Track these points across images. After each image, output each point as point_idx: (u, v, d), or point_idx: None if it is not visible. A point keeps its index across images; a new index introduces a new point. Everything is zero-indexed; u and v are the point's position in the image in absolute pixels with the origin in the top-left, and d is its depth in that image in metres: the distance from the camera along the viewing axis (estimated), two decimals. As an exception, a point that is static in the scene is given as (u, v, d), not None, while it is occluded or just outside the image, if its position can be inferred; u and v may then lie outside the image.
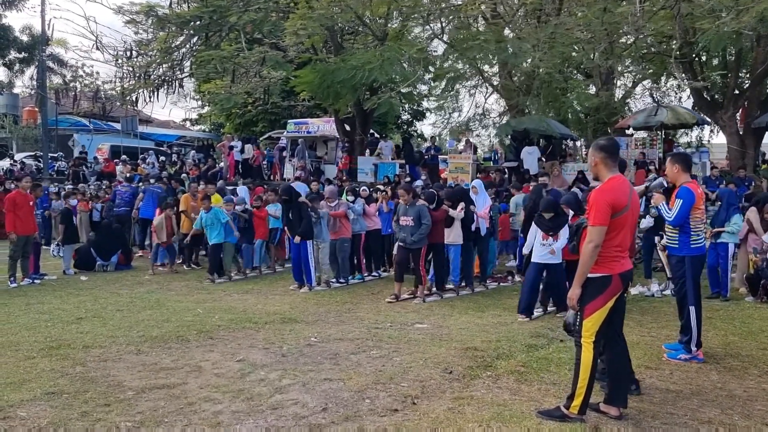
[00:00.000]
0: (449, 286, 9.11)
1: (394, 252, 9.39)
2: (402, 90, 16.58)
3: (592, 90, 19.23)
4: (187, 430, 4.00)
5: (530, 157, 15.61)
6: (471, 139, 19.71)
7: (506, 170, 17.06)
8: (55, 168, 26.22)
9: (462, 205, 8.82)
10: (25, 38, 29.80)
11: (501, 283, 9.87)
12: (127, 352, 5.87)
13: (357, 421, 4.15)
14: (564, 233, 7.23)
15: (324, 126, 22.33)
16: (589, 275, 4.00)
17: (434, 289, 8.93)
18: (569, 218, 7.28)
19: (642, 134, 19.60)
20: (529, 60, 13.94)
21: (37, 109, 28.92)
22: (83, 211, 13.96)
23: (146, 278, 10.56)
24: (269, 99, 18.47)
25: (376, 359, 5.62)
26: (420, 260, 8.52)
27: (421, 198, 8.79)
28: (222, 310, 7.83)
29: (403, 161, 17.94)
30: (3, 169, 25.37)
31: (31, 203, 10.04)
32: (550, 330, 6.76)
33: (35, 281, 10.00)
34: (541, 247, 7.42)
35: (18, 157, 29.99)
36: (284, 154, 22.03)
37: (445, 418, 4.19)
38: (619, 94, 21.64)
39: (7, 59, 29.01)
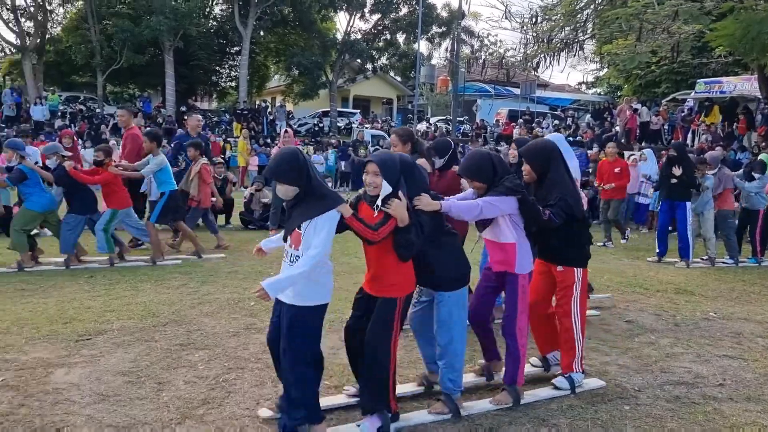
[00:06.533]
0: None
1: None
2: None
3: None
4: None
5: None
6: None
7: None
8: (461, 130, 29.33)
9: None
10: (444, 14, 33.81)
11: None
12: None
13: (760, 403, 3.75)
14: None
15: (743, 85, 19.54)
16: None
17: None
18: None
19: None
20: None
21: (448, 78, 32.56)
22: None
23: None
24: (677, 57, 16.98)
25: (792, 348, 4.89)
26: None
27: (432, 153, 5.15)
28: (611, 272, 7.80)
29: None
30: (420, 131, 29.60)
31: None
32: None
33: None
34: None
35: (432, 120, 34.54)
36: (690, 117, 20.14)
37: None
38: None
39: (429, 34, 33.38)
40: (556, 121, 26.66)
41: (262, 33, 32.59)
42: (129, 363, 4.08)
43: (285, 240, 3.13)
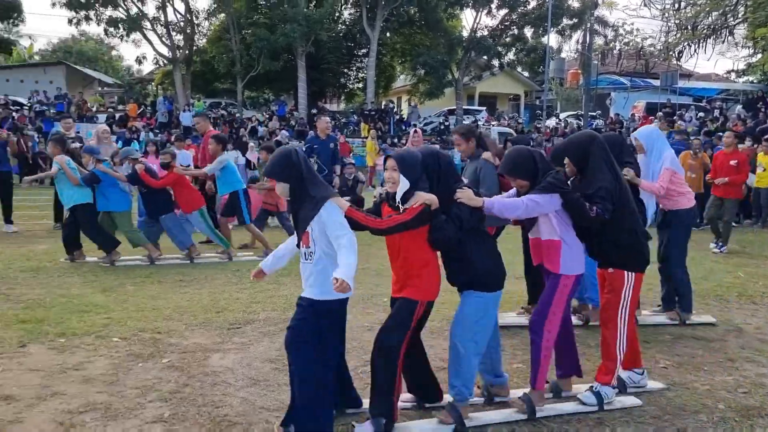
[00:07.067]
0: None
1: None
2: None
3: None
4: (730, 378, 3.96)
5: None
6: None
7: None
8: (594, 126, 28.06)
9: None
10: (576, 5, 32.55)
11: None
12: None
13: None
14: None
15: None
16: None
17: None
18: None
19: None
20: None
21: (579, 71, 31.31)
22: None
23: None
24: None
25: None
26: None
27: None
28: (765, 276, 7.15)
29: None
30: (549, 127, 28.69)
31: None
32: None
33: None
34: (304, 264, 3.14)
35: (562, 116, 33.38)
36: None
37: None
38: None
39: (559, 27, 32.25)
40: (701, 113, 24.73)
41: (388, 34, 33.25)
42: (275, 351, 4.36)
43: (298, 245, 3.12)
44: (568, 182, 3.65)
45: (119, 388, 3.70)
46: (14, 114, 23.07)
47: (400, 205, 3.08)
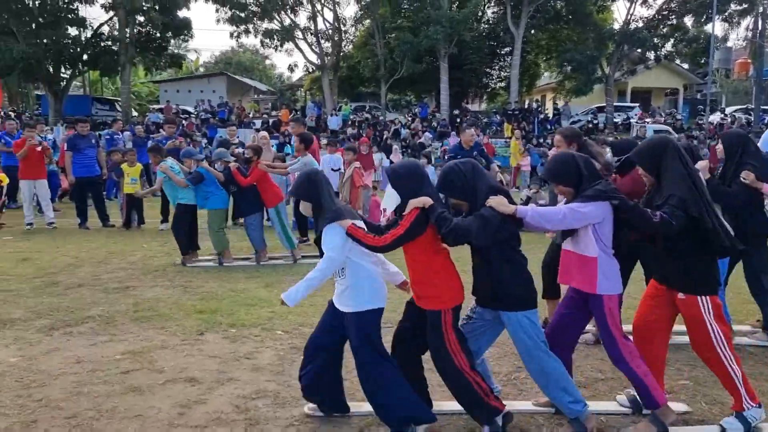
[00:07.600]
0: None
1: None
2: None
3: None
4: None
5: None
6: None
7: None
8: (766, 121, 25.40)
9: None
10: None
11: None
12: None
13: None
14: None
15: None
16: None
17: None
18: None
19: None
20: None
21: (749, 61, 28.41)
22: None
23: None
24: None
25: None
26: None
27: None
28: None
29: None
30: (712, 123, 26.34)
31: None
32: None
33: None
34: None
35: (728, 110, 30.52)
36: None
37: None
38: None
39: (726, 13, 29.42)
40: None
41: (533, 31, 32.40)
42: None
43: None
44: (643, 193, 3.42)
45: (285, 378, 3.96)
46: (183, 122, 25.52)
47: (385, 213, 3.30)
